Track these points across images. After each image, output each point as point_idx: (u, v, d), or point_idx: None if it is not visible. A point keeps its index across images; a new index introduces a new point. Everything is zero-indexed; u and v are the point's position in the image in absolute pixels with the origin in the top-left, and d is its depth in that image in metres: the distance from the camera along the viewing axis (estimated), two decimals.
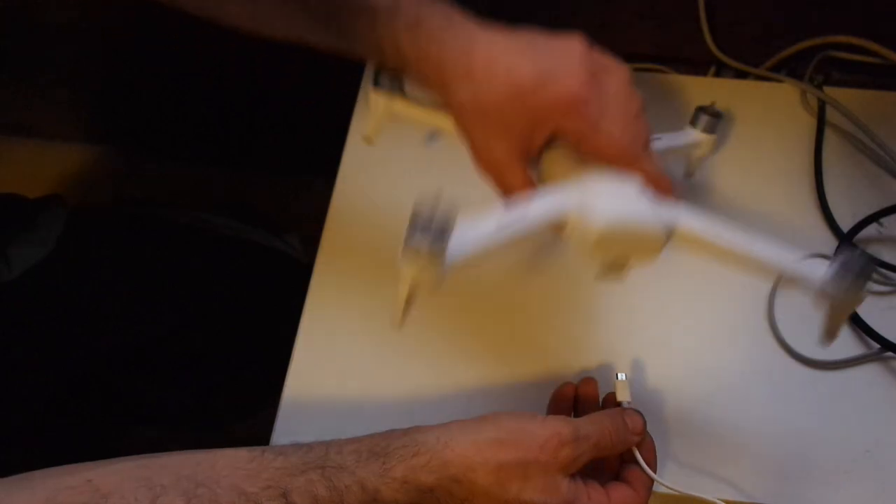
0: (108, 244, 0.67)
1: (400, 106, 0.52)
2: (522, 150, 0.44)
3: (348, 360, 0.57)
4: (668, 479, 0.52)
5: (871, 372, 0.57)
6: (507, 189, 0.45)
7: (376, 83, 0.51)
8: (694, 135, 0.64)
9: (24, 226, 0.63)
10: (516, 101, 0.42)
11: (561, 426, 0.42)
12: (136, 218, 0.71)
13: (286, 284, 0.64)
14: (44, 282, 0.62)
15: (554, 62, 0.42)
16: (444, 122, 0.49)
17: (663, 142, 0.64)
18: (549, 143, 0.45)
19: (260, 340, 0.71)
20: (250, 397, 0.77)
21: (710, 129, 0.59)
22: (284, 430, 0.54)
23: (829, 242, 0.64)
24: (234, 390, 0.76)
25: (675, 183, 0.46)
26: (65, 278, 0.64)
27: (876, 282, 0.61)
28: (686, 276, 0.61)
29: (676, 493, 0.47)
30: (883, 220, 0.64)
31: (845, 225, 0.64)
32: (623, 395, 0.48)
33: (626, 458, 0.46)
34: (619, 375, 0.49)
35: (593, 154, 0.43)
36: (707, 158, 0.63)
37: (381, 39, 0.44)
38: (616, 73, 0.44)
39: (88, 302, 0.65)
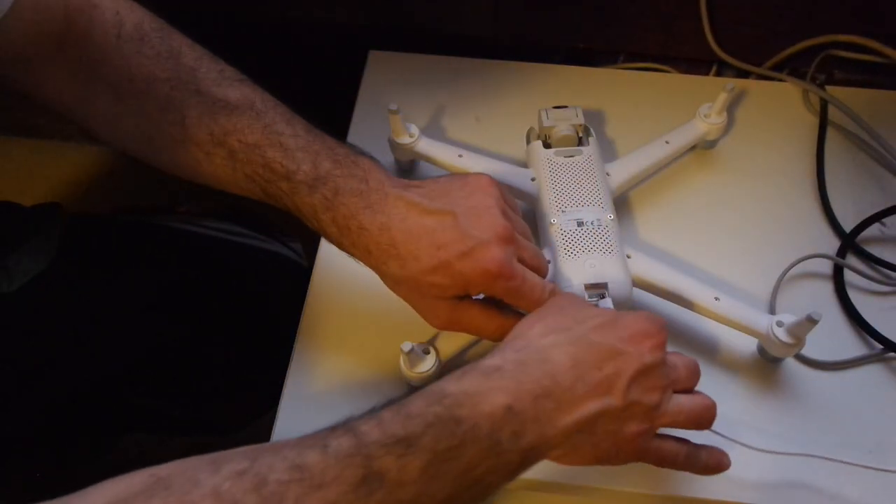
0: (109, 253, 0.67)
1: None
2: (464, 298, 0.48)
3: (348, 361, 0.57)
4: (667, 480, 0.52)
5: (873, 373, 0.57)
6: (474, 330, 0.49)
7: None
8: (701, 126, 0.66)
9: (22, 236, 0.62)
10: (444, 271, 0.46)
11: None
12: (136, 225, 0.71)
13: (290, 289, 0.64)
14: (45, 293, 0.61)
15: (472, 233, 0.46)
16: None
17: (672, 144, 0.64)
18: None
19: (265, 346, 0.71)
20: (254, 404, 0.76)
21: None
22: (283, 434, 0.54)
23: (831, 242, 0.64)
24: (237, 397, 0.76)
25: None
26: (66, 289, 0.63)
27: (879, 282, 0.61)
28: None
29: None
30: (886, 219, 0.64)
31: (847, 225, 0.64)
32: None
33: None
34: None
35: (519, 307, 0.48)
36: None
37: (301, 209, 0.48)
38: (521, 229, 0.49)
39: (91, 312, 0.64)
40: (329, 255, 0.62)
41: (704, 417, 0.46)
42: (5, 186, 1.24)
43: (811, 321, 0.49)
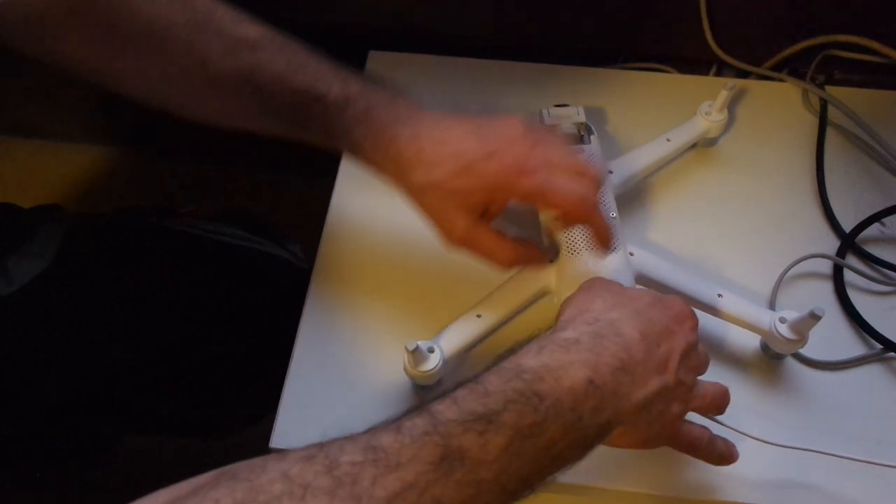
0: (110, 255, 0.66)
1: None
2: (483, 216, 0.49)
3: (348, 362, 0.57)
4: (666, 480, 0.52)
5: (873, 373, 0.57)
6: (485, 253, 0.50)
7: None
8: (702, 123, 0.66)
9: (22, 237, 0.62)
10: (469, 173, 0.46)
11: None
12: (136, 227, 0.71)
13: (290, 291, 0.64)
14: (44, 294, 0.61)
15: (497, 140, 0.47)
16: None
17: (673, 142, 0.65)
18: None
19: (264, 349, 0.71)
20: (254, 406, 0.76)
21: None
22: (283, 435, 0.54)
23: (831, 242, 0.64)
24: (237, 399, 0.76)
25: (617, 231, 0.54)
26: (66, 290, 0.62)
27: (879, 282, 0.61)
28: None
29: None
30: (885, 219, 0.64)
31: (847, 225, 0.64)
32: None
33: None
34: None
35: (551, 208, 0.49)
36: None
37: (333, 129, 0.48)
38: (555, 142, 0.49)
39: (90, 314, 0.64)
40: (329, 255, 0.62)
41: (724, 402, 0.47)
42: (5, 187, 1.24)
43: (814, 317, 0.49)
